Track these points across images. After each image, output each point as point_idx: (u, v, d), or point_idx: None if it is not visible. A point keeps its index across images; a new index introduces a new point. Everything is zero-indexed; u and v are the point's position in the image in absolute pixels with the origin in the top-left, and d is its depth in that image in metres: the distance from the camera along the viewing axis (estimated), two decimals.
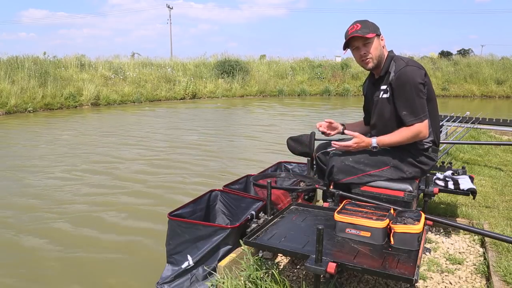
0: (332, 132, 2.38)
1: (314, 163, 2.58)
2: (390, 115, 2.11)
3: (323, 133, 2.38)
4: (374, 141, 2.09)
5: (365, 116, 2.46)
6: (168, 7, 43.77)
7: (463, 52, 29.65)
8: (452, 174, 2.62)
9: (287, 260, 2.18)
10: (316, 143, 2.62)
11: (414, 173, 2.13)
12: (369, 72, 2.28)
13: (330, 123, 2.35)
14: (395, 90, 2.06)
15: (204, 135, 8.30)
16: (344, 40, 2.14)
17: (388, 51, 2.17)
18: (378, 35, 2.12)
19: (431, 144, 2.13)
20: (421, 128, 2.03)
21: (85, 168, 5.53)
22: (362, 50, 2.10)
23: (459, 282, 1.90)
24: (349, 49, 2.18)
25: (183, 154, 6.49)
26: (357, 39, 2.09)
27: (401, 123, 2.07)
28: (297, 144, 2.71)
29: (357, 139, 2.10)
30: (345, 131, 2.32)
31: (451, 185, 2.55)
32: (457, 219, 2.62)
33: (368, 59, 2.12)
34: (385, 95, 2.12)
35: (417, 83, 2.01)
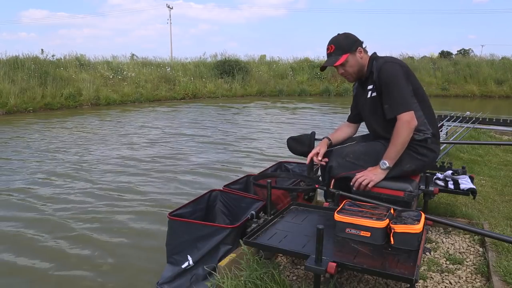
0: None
1: (314, 163, 2.58)
2: (382, 112, 2.14)
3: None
4: (382, 162, 2.07)
5: (350, 115, 2.54)
6: (168, 7, 43.82)
7: (463, 52, 29.70)
8: (452, 174, 2.62)
9: (287, 260, 2.18)
10: (317, 143, 2.62)
11: (415, 166, 2.12)
12: None
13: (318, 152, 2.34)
14: (379, 87, 2.11)
15: (204, 135, 8.30)
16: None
17: (371, 55, 2.22)
18: (354, 50, 2.15)
19: (429, 136, 2.12)
20: (406, 117, 2.01)
21: (85, 167, 5.53)
22: (339, 70, 2.21)
23: (459, 282, 1.90)
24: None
25: (183, 153, 6.49)
26: None
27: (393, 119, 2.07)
28: (297, 144, 2.71)
29: (364, 172, 2.10)
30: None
31: (451, 185, 2.55)
32: (457, 219, 2.62)
33: (347, 77, 2.25)
34: (373, 94, 2.17)
35: (396, 77, 2.05)
